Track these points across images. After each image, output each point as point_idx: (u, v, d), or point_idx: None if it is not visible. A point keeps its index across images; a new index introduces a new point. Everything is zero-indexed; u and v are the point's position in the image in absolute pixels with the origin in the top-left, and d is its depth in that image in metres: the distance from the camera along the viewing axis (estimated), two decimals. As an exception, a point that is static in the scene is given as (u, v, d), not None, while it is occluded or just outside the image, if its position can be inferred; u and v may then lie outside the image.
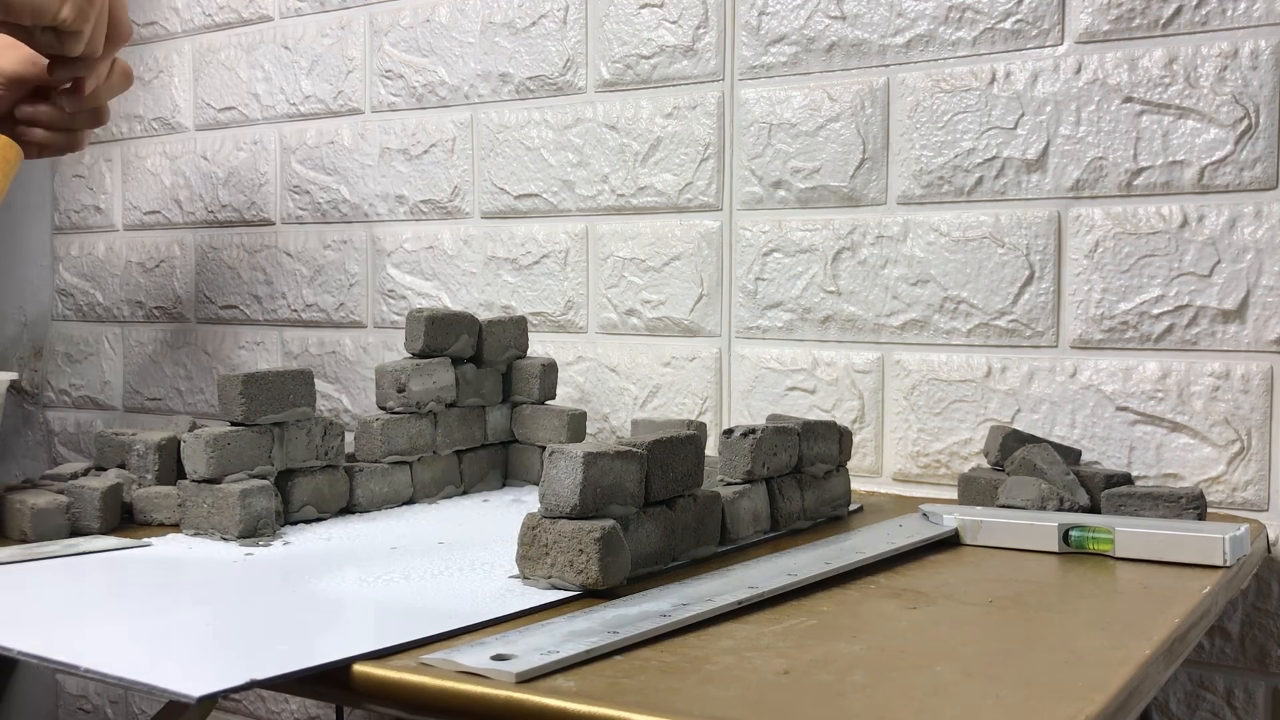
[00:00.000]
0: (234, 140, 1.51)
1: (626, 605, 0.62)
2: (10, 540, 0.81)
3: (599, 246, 1.23)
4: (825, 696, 0.50)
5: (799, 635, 0.59)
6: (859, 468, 1.09)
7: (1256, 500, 0.94)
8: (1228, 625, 0.96)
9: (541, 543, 0.66)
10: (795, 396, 1.12)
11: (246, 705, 1.53)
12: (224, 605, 0.64)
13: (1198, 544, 0.76)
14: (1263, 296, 0.93)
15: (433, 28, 1.34)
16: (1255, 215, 0.93)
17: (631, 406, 1.21)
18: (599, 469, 0.66)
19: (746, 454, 0.81)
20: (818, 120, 1.10)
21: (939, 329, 1.06)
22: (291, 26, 1.45)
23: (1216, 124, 0.94)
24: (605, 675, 0.52)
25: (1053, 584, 0.72)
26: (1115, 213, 0.99)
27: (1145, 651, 0.57)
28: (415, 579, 0.70)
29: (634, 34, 1.20)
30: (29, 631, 0.58)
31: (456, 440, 1.01)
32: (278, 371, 0.86)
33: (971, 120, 1.04)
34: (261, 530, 0.82)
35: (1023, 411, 1.02)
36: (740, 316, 1.15)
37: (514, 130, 1.28)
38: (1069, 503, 0.86)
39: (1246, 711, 0.96)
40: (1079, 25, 0.99)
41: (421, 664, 0.53)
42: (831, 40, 1.10)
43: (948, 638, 0.59)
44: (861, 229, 1.09)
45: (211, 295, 1.54)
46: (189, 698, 0.48)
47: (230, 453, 0.83)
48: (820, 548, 0.77)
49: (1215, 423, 0.95)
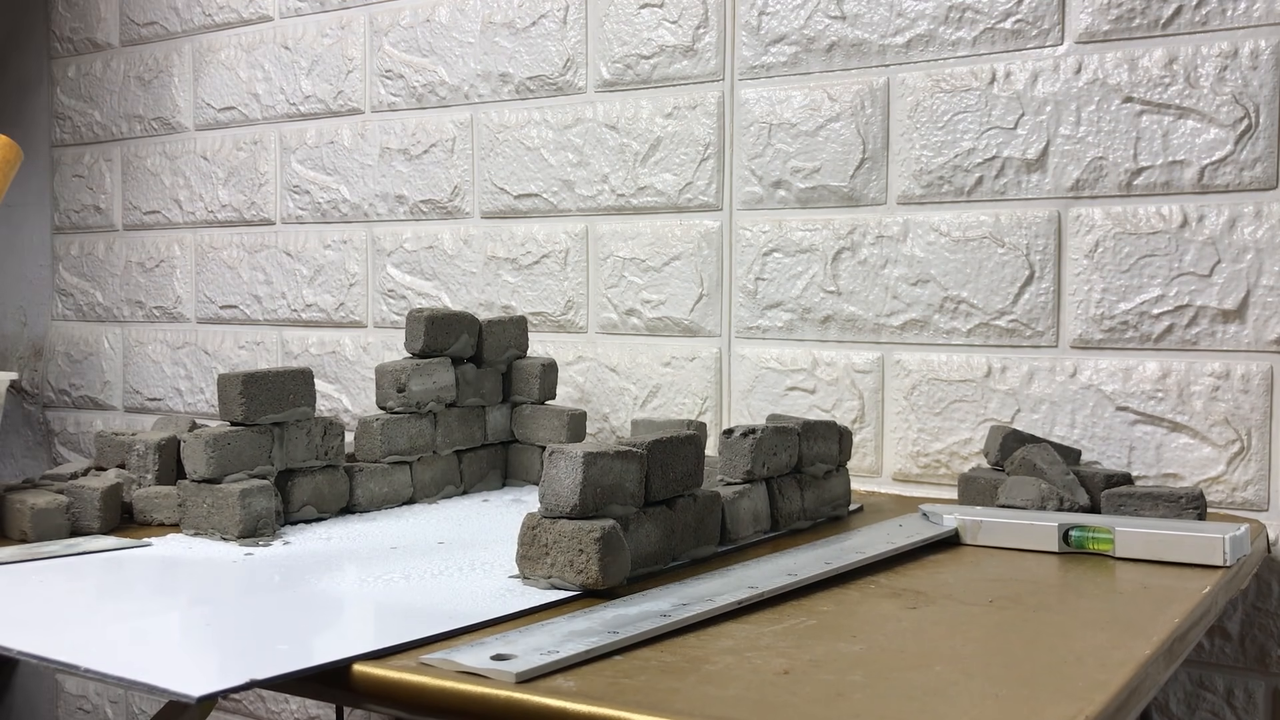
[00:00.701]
0: (234, 140, 1.51)
1: (626, 605, 0.62)
2: (10, 540, 0.81)
3: (599, 246, 1.23)
4: (825, 696, 0.50)
5: (799, 635, 0.59)
6: (859, 468, 1.09)
7: (1256, 500, 0.94)
8: (1228, 625, 0.96)
9: (541, 543, 0.66)
10: (795, 396, 1.12)
11: (246, 705, 1.53)
12: (224, 605, 0.64)
13: (1198, 544, 0.75)
14: (1263, 296, 0.93)
15: (433, 28, 1.34)
16: (1255, 215, 0.93)
17: (631, 406, 1.21)
18: (599, 469, 0.66)
19: (746, 454, 0.81)
20: (818, 120, 1.10)
21: (939, 329, 1.06)
22: (291, 26, 1.45)
23: (1216, 124, 0.94)
24: (605, 675, 0.52)
25: (1053, 584, 0.72)
26: (1115, 213, 0.99)
27: (1145, 651, 0.57)
28: (415, 579, 0.70)
29: (634, 34, 1.20)
30: (29, 631, 0.58)
31: (456, 440, 1.01)
32: (278, 371, 0.86)
33: (971, 120, 1.04)
34: (261, 530, 0.82)
35: (1023, 411, 1.02)
36: (740, 316, 1.15)
37: (514, 130, 1.28)
38: (1069, 503, 0.86)
39: (1246, 711, 0.96)
40: (1079, 25, 0.99)
41: (421, 664, 0.53)
42: (831, 40, 1.10)
43: (948, 638, 0.59)
44: (861, 229, 1.09)
45: (211, 295, 1.54)
46: (189, 698, 0.48)
47: (230, 453, 0.83)
48: (820, 548, 0.77)
49: (1215, 423, 0.95)
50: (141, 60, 1.59)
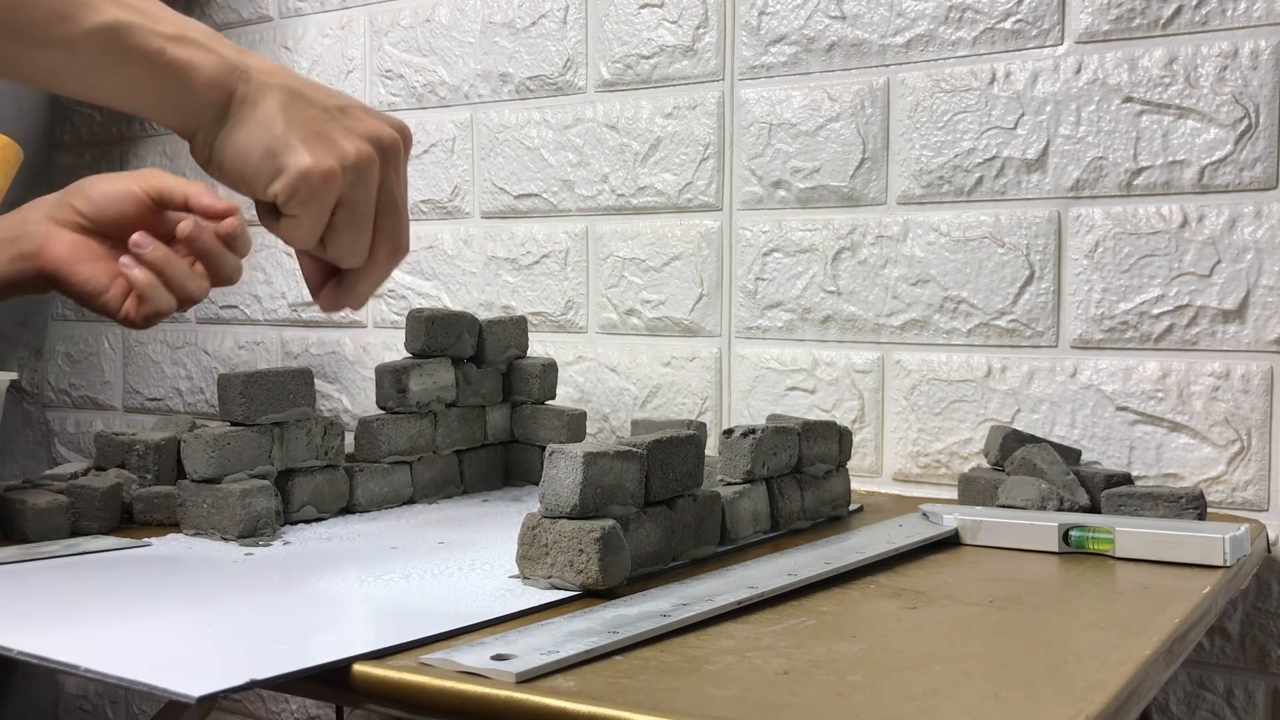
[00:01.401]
0: (234, 140, 1.51)
1: (626, 605, 0.62)
2: (10, 540, 0.81)
3: (599, 246, 1.23)
4: (825, 696, 0.50)
5: (799, 635, 0.59)
6: (859, 468, 1.09)
7: (1256, 500, 0.94)
8: (1228, 625, 0.96)
9: (541, 543, 0.66)
10: (795, 396, 1.12)
11: (246, 705, 1.53)
12: (224, 605, 0.64)
13: (1198, 544, 0.75)
14: (1263, 296, 0.93)
15: (433, 28, 1.34)
16: (1255, 215, 0.93)
17: (631, 406, 1.21)
18: (599, 469, 0.66)
19: (746, 454, 0.81)
20: (818, 120, 1.10)
21: (939, 329, 1.06)
22: (291, 26, 1.45)
23: (1216, 124, 0.94)
24: (605, 675, 0.52)
25: (1053, 584, 0.72)
26: (1115, 213, 0.99)
27: (1145, 651, 0.57)
28: (415, 579, 0.70)
29: (634, 34, 1.20)
30: (29, 631, 0.58)
31: (457, 440, 1.01)
32: (278, 371, 0.86)
33: (971, 120, 1.04)
34: (261, 530, 0.82)
35: (1023, 411, 1.02)
36: (740, 316, 1.15)
37: (514, 130, 1.28)
38: (1069, 503, 0.86)
39: (1246, 711, 0.96)
40: (1079, 25, 0.99)
41: (421, 664, 0.53)
42: (831, 40, 1.10)
43: (948, 638, 0.59)
44: (861, 229, 1.09)
45: (211, 295, 1.54)
46: (189, 698, 0.48)
47: (230, 453, 0.83)
48: (820, 548, 0.77)
49: (1215, 423, 0.95)
50: (141, 60, 1.59)
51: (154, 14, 0.64)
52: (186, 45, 0.65)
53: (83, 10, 0.61)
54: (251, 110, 0.64)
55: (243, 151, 0.64)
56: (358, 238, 0.67)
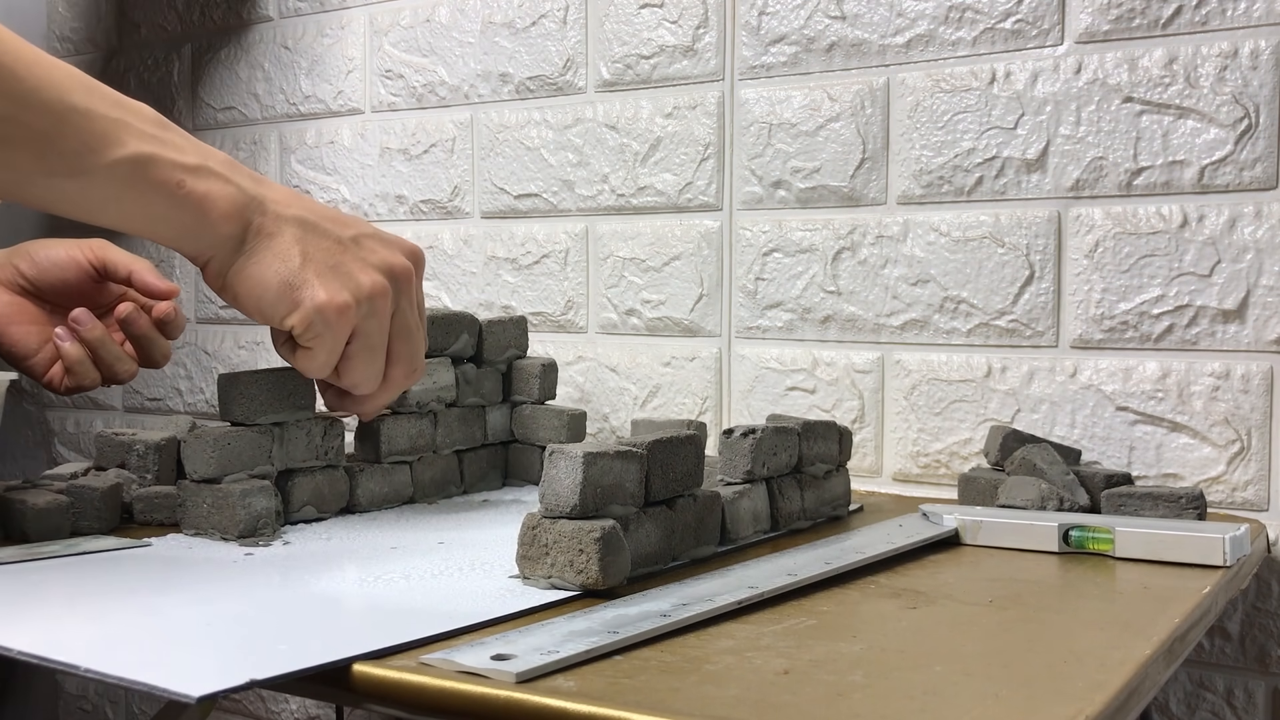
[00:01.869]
0: (233, 140, 1.51)
1: (626, 605, 0.62)
2: (10, 540, 0.81)
3: (599, 246, 1.23)
4: (825, 696, 0.50)
5: (799, 635, 0.59)
6: (859, 468, 1.09)
7: (1256, 500, 0.94)
8: (1228, 625, 0.96)
9: (541, 543, 0.66)
10: (795, 396, 1.12)
11: (246, 705, 1.53)
12: (224, 605, 0.64)
13: (1198, 544, 0.76)
14: (1263, 296, 0.93)
15: (433, 28, 1.34)
16: (1255, 215, 0.93)
17: (631, 406, 1.21)
18: (599, 469, 0.66)
19: (746, 454, 0.81)
20: (818, 120, 1.10)
21: (939, 329, 1.06)
22: (291, 26, 1.45)
23: (1216, 124, 0.94)
24: (605, 675, 0.52)
25: (1053, 584, 0.72)
26: (1115, 213, 0.99)
27: (1145, 651, 0.57)
28: (415, 579, 0.70)
29: (634, 34, 1.20)
30: (29, 631, 0.58)
31: (456, 440, 1.01)
32: (278, 371, 0.86)
33: (971, 120, 1.04)
34: (261, 530, 0.82)
35: (1023, 411, 1.02)
36: (740, 316, 1.15)
37: (514, 130, 1.28)
38: (1069, 503, 0.86)
39: (1246, 711, 0.96)
40: (1079, 25, 0.99)
41: (421, 664, 0.53)
42: (831, 40, 1.10)
43: (948, 638, 0.59)
44: (861, 229, 1.09)
45: (211, 295, 1.54)
46: (189, 698, 0.48)
47: (230, 453, 0.83)
48: (820, 548, 0.77)
49: (1215, 423, 0.95)
50: (141, 60, 1.59)
51: (177, 144, 0.64)
52: (206, 177, 0.65)
53: (110, 144, 0.61)
54: (268, 243, 0.65)
55: (259, 284, 0.65)
56: (371, 365, 0.70)
